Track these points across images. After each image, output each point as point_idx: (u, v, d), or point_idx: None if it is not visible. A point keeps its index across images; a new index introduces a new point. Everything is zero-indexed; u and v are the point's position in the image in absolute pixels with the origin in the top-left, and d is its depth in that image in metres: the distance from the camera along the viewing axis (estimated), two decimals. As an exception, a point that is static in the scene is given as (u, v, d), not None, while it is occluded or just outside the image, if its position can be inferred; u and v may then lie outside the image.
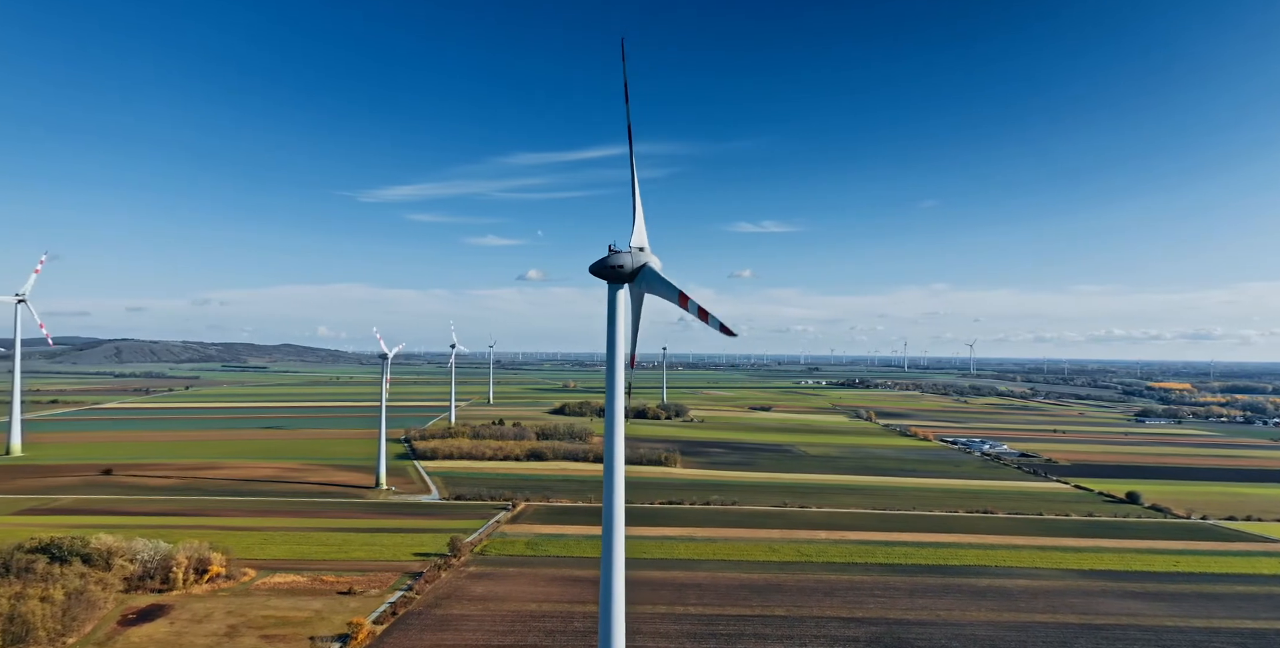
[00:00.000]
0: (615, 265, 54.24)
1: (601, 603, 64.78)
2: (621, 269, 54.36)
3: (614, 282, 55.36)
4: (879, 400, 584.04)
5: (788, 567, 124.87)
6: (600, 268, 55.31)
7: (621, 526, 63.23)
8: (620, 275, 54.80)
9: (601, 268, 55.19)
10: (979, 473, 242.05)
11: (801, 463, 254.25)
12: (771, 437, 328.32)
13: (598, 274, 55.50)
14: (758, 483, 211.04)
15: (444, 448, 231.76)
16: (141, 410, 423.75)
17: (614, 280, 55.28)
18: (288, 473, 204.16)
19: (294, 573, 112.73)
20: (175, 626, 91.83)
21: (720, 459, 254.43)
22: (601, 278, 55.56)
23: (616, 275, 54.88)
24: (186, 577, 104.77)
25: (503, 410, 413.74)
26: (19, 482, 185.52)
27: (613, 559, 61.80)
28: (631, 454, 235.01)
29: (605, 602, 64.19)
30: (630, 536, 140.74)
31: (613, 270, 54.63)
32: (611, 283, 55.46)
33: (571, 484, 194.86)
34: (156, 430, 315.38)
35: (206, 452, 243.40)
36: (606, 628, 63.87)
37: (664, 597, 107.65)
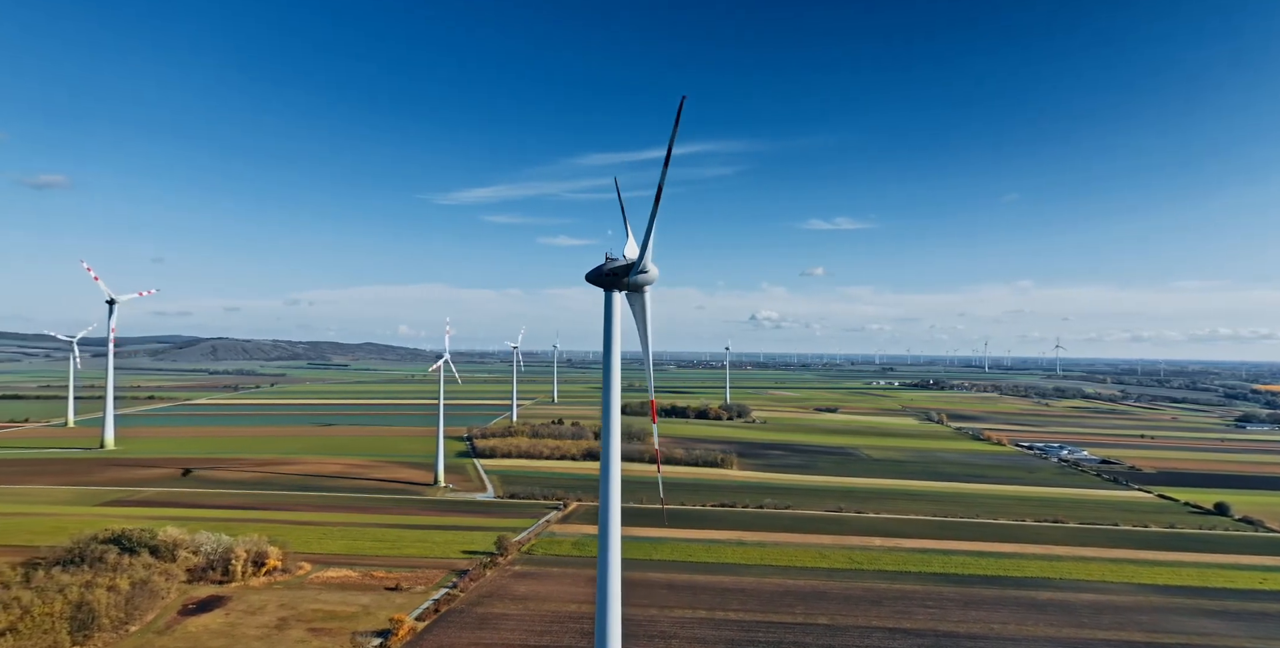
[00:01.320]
0: (610, 273, 54.23)
1: (598, 603, 65.14)
2: (615, 277, 54.28)
3: (609, 289, 55.31)
4: (953, 403, 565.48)
5: (836, 574, 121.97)
6: (595, 276, 55.41)
7: (618, 526, 63.60)
8: (615, 284, 54.72)
9: (597, 276, 55.29)
10: (1053, 480, 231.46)
11: (863, 467, 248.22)
12: (834, 439, 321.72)
13: (593, 282, 55.60)
14: (816, 487, 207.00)
15: (503, 447, 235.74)
16: (228, 407, 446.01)
17: (609, 288, 55.25)
18: (354, 469, 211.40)
19: (347, 568, 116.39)
20: (230, 616, 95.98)
21: (779, 462, 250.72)
22: (598, 286, 55.54)
23: (611, 283, 54.85)
24: (245, 570, 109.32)
25: (565, 410, 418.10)
26: (108, 474, 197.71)
27: (608, 560, 61.96)
28: (687, 456, 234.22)
29: (601, 602, 64.45)
30: (678, 539, 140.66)
31: (607, 278, 54.63)
32: (607, 290, 55.39)
33: (626, 484, 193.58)
34: (239, 426, 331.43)
35: (282, 447, 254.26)
36: (602, 629, 64.08)
37: (705, 601, 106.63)
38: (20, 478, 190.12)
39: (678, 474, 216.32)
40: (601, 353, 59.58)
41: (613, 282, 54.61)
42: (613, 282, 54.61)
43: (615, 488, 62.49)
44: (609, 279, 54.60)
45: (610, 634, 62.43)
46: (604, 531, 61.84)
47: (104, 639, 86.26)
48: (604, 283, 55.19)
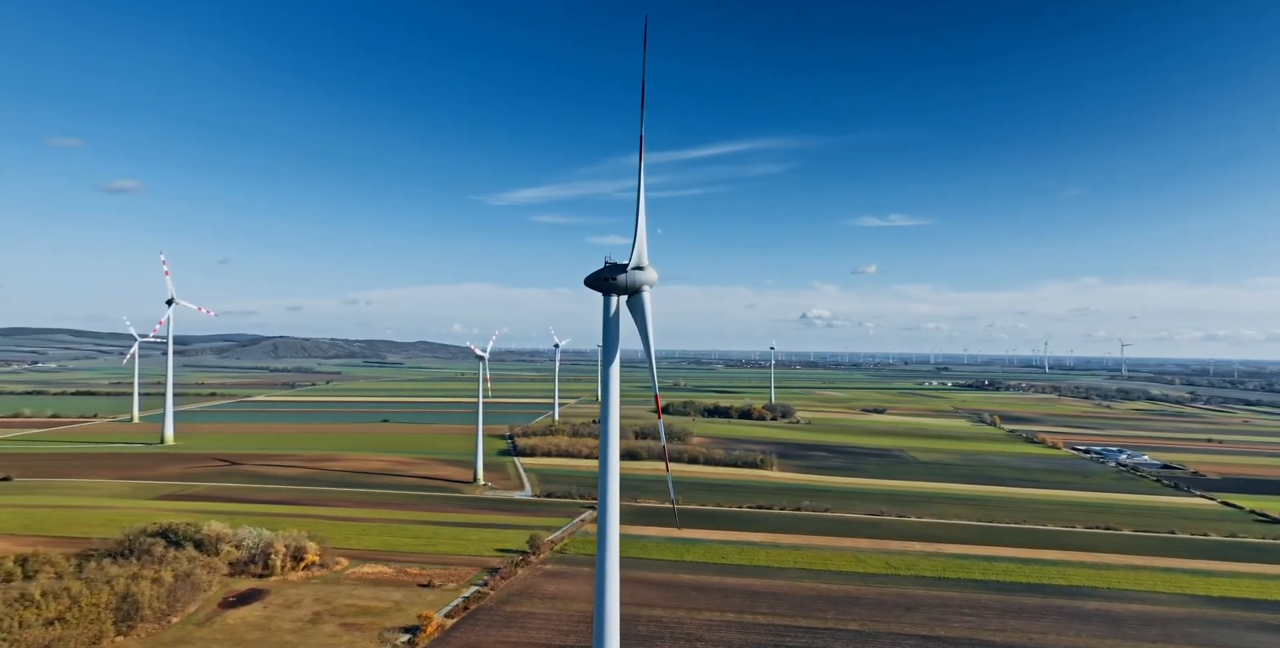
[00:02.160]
0: (607, 278, 54.17)
1: (596, 604, 65.24)
2: (613, 282, 54.13)
3: (607, 293, 55.18)
4: (1008, 404, 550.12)
5: (872, 579, 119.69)
6: (593, 280, 55.36)
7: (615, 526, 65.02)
8: (613, 287, 54.59)
9: (595, 280, 55.23)
10: (1109, 485, 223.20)
11: (909, 469, 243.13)
12: (880, 441, 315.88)
13: (591, 286, 55.54)
14: (857, 489, 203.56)
15: (543, 445, 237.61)
16: (283, 404, 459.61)
17: (607, 292, 55.12)
18: (397, 466, 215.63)
19: (382, 564, 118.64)
20: (267, 610, 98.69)
21: (821, 463, 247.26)
22: (596, 290, 55.46)
23: (609, 288, 54.71)
24: (284, 564, 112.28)
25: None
26: (165, 468, 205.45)
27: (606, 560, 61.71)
28: (726, 456, 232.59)
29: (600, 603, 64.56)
30: (711, 540, 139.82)
31: (605, 283, 54.52)
32: (606, 294, 55.26)
33: (662, 485, 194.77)
34: (292, 423, 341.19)
35: (330, 444, 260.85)
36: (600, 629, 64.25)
37: (734, 604, 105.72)
38: (83, 472, 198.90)
39: (715, 475, 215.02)
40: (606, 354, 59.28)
41: (611, 286, 54.43)
42: (611, 286, 54.43)
43: (613, 489, 62.74)
44: (607, 283, 54.48)
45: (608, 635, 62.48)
46: (602, 530, 62.17)
47: (146, 630, 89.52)
48: (602, 287, 55.12)
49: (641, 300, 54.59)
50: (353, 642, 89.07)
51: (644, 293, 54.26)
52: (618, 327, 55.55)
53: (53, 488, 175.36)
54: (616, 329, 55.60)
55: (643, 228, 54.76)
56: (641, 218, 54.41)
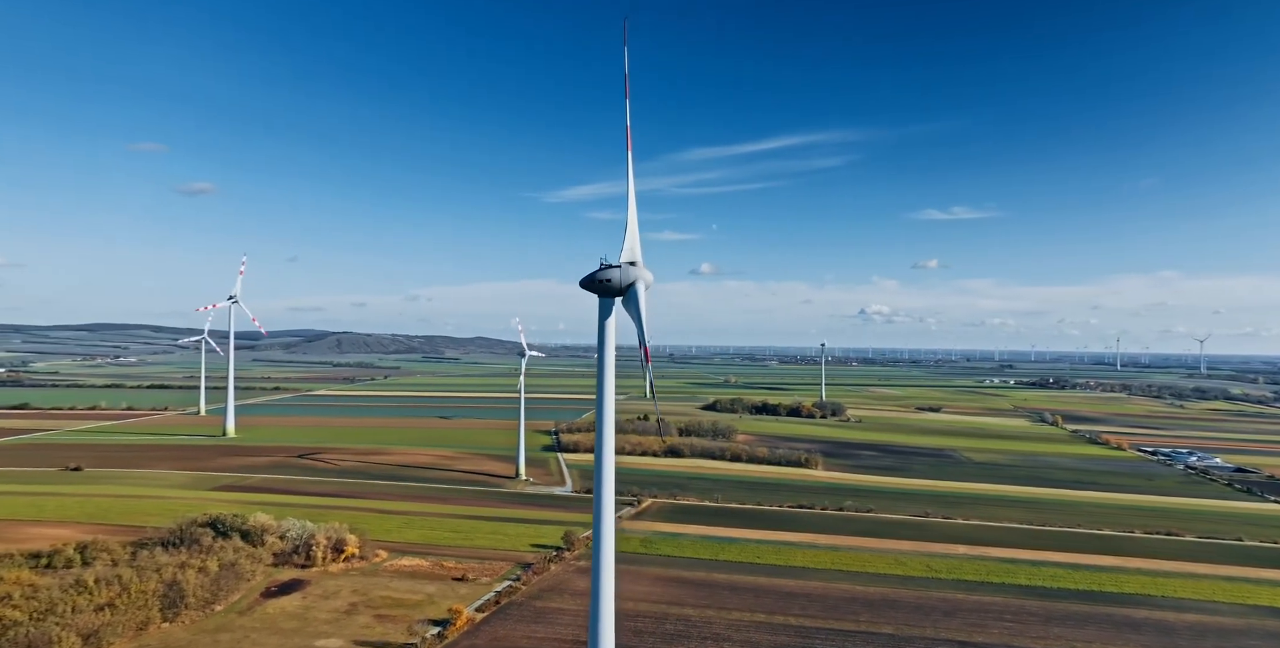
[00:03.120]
0: (603, 280, 53.78)
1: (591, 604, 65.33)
2: (609, 283, 53.71)
3: (603, 296, 54.91)
4: (1072, 403, 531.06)
5: (911, 581, 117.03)
6: (589, 282, 55.06)
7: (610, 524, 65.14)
8: (609, 290, 54.23)
9: (590, 282, 54.94)
10: (1174, 489, 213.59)
11: (961, 470, 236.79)
12: (932, 440, 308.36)
13: (587, 288, 55.25)
14: (904, 490, 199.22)
15: (586, 441, 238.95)
16: (342, 398, 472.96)
17: (603, 295, 54.84)
18: (443, 460, 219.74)
19: (420, 557, 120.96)
20: (306, 600, 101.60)
21: (868, 463, 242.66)
22: (591, 292, 55.20)
23: (605, 290, 54.38)
24: (325, 555, 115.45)
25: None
26: (224, 460, 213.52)
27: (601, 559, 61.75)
28: (770, 455, 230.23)
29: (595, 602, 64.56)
30: (747, 539, 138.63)
31: (601, 285, 54.16)
32: (602, 297, 54.99)
33: (703, 483, 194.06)
34: (348, 417, 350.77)
35: (382, 438, 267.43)
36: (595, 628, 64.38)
37: (765, 604, 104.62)
38: (148, 463, 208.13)
39: (758, 473, 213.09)
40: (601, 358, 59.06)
41: (605, 287, 54.15)
42: (605, 287, 54.15)
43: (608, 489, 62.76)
44: (601, 285, 54.19)
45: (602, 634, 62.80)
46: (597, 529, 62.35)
47: (191, 617, 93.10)
48: (597, 289, 54.86)
49: (636, 297, 54.22)
50: (384, 634, 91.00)
51: (639, 289, 53.80)
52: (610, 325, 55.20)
53: (118, 478, 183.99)
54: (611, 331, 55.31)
55: (633, 224, 54.34)
56: (632, 214, 53.97)
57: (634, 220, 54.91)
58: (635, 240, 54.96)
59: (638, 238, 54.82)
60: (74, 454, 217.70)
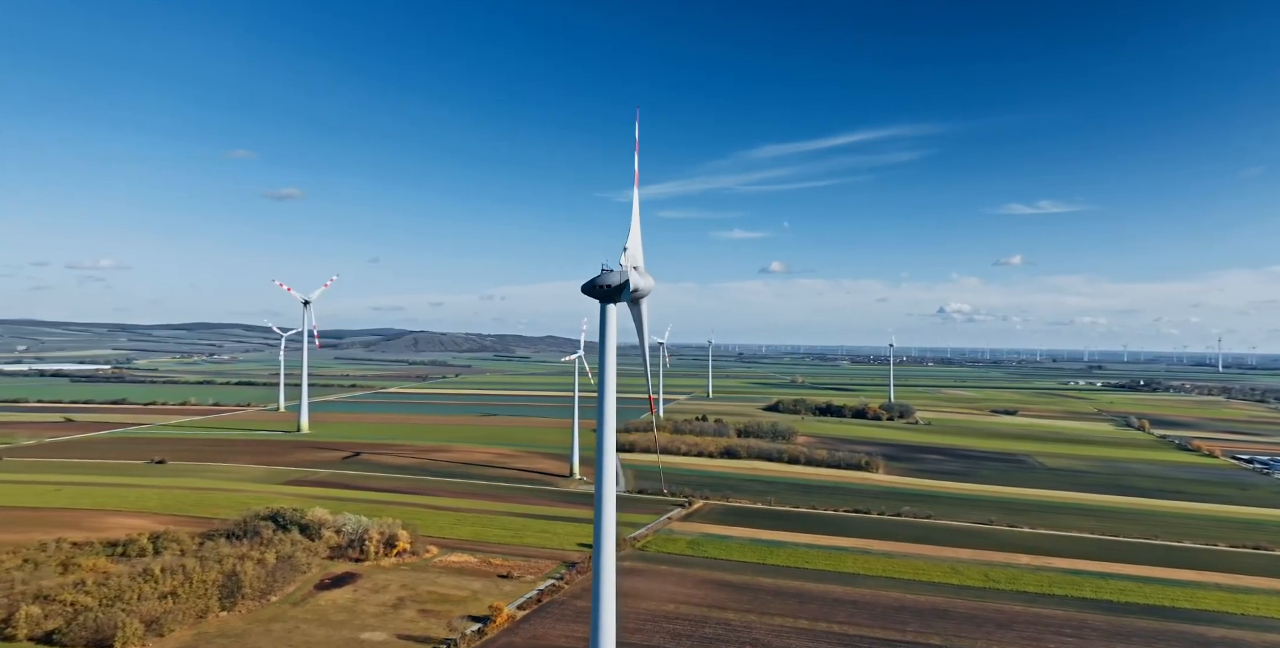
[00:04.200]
0: (603, 285, 54.00)
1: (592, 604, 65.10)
2: (609, 288, 53.84)
3: (604, 300, 54.99)
4: (1162, 406, 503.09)
5: (965, 591, 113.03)
6: (590, 288, 55.31)
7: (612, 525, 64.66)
8: (609, 294, 54.34)
9: (591, 288, 55.18)
10: (1269, 499, 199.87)
11: (1033, 476, 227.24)
12: (1004, 444, 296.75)
13: (588, 293, 55.47)
14: (968, 496, 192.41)
15: (642, 441, 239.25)
16: (413, 396, 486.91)
17: (604, 299, 54.94)
18: (500, 458, 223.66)
19: (469, 554, 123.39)
20: (356, 593, 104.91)
21: (933, 467, 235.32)
22: (592, 296, 55.37)
23: (605, 294, 54.50)
24: (377, 550, 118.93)
25: (717, 405, 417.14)
26: (295, 456, 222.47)
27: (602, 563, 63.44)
28: (828, 457, 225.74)
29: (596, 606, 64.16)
30: (797, 543, 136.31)
31: (601, 290, 54.33)
32: (602, 301, 55.08)
33: (758, 485, 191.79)
34: (416, 414, 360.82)
35: (444, 435, 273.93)
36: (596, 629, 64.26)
37: (809, 611, 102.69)
38: (224, 457, 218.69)
39: (815, 476, 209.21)
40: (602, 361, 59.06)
41: (607, 293, 54.33)
42: (607, 293, 54.33)
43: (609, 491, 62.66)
44: (603, 291, 54.39)
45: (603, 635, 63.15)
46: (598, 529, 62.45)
47: (247, 607, 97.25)
48: (598, 295, 55.12)
49: (639, 309, 54.16)
50: (427, 629, 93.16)
51: (641, 302, 53.86)
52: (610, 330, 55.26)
53: (197, 471, 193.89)
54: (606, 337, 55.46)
55: (636, 231, 54.20)
56: (635, 221, 53.84)
57: (636, 229, 54.83)
58: (638, 247, 54.89)
59: (640, 245, 54.68)
60: (160, 448, 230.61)
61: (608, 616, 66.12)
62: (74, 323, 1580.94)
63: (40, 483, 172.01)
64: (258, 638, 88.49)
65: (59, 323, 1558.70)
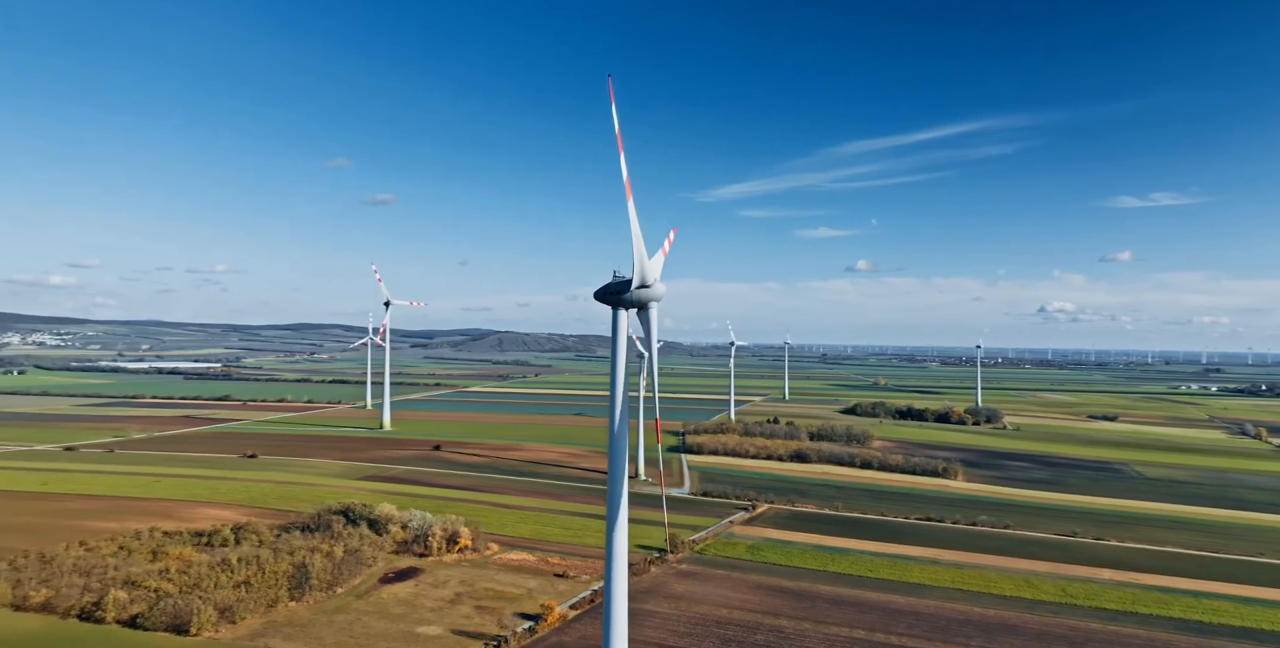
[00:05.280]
0: (614, 292, 54.26)
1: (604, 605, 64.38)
2: (620, 295, 54.00)
3: (616, 306, 55.00)
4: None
5: (1038, 606, 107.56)
6: (602, 294, 55.65)
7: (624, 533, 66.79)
8: (621, 301, 54.44)
9: (603, 294, 55.52)
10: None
11: (1126, 486, 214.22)
12: (1099, 452, 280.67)
13: (600, 300, 55.71)
14: (1053, 506, 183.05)
15: (710, 443, 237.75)
16: (493, 395, 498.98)
17: (616, 306, 54.96)
18: (567, 458, 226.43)
19: (528, 552, 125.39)
20: (418, 588, 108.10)
21: (1017, 475, 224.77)
22: (604, 303, 55.52)
23: (618, 301, 54.61)
24: (440, 546, 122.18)
25: (792, 408, 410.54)
26: (374, 452, 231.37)
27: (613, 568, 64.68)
28: (904, 463, 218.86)
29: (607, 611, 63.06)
30: (862, 550, 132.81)
31: (613, 296, 54.53)
32: (614, 307, 55.09)
33: (826, 490, 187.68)
34: (493, 413, 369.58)
35: (516, 434, 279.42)
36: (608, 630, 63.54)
37: (867, 621, 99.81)
38: (311, 452, 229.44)
39: (888, 482, 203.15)
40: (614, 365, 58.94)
41: (618, 299, 54.46)
42: (618, 299, 54.46)
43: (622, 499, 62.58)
44: (615, 297, 54.57)
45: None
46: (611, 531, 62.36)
47: (314, 598, 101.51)
48: (610, 301, 55.30)
49: (648, 315, 54.03)
50: (481, 625, 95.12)
51: (650, 308, 53.75)
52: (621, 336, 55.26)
53: (284, 465, 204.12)
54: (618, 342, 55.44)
55: (639, 244, 54.14)
56: (636, 234, 53.75)
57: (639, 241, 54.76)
58: (644, 262, 54.95)
59: (646, 259, 54.71)
60: (253, 443, 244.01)
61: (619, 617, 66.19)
62: (192, 323, 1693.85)
63: (143, 474, 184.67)
64: (321, 628, 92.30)
65: (179, 323, 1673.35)
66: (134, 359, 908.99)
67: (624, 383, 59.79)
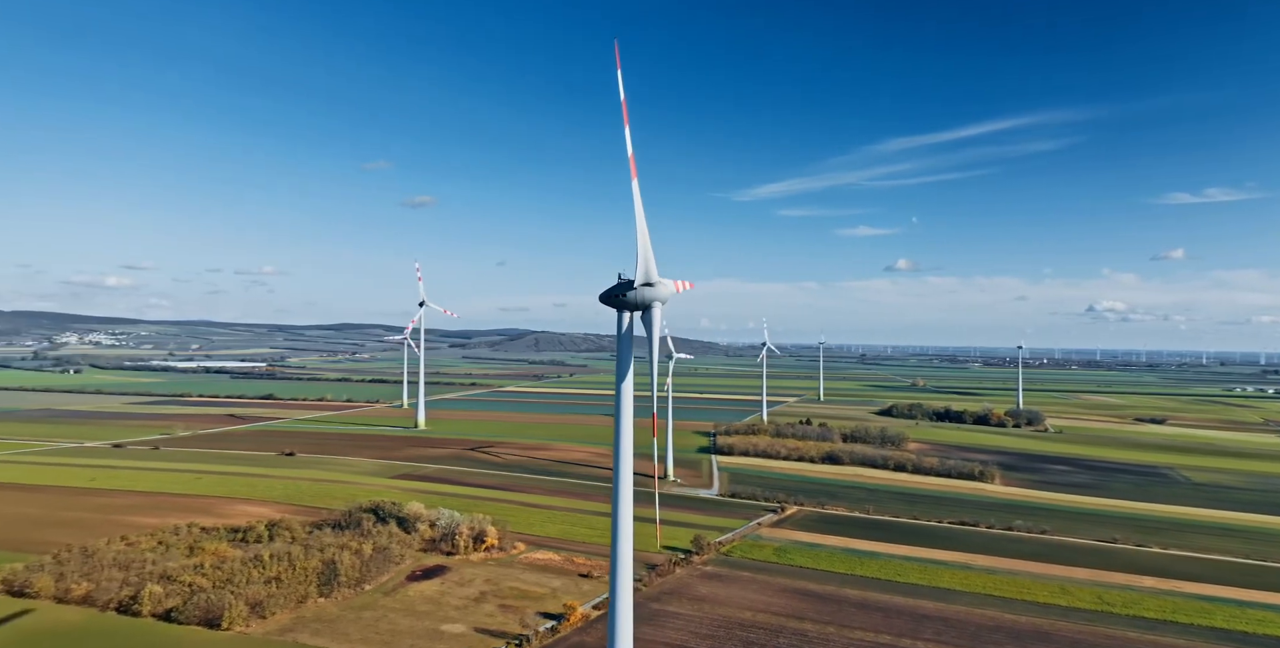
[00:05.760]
0: (619, 296, 54.18)
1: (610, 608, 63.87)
2: (624, 299, 53.94)
3: (621, 309, 54.95)
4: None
5: (1074, 614, 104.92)
6: (607, 297, 55.61)
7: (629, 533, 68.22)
8: (625, 303, 54.38)
9: (608, 297, 55.48)
10: None
11: (1172, 491, 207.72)
12: (1144, 455, 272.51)
13: (605, 302, 55.66)
14: (1093, 511, 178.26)
15: (741, 445, 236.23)
16: (527, 394, 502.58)
17: (620, 308, 54.91)
18: (597, 458, 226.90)
19: (553, 551, 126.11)
20: (443, 586, 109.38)
21: (1058, 479, 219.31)
22: (609, 306, 55.48)
23: (622, 304, 54.55)
24: (467, 545, 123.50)
25: (826, 409, 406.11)
26: (408, 451, 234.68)
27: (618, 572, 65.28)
28: (939, 466, 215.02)
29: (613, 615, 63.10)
30: (891, 554, 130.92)
31: (618, 300, 54.46)
32: (619, 310, 55.03)
33: (858, 492, 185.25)
34: (526, 413, 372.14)
35: (548, 434, 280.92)
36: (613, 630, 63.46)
37: (894, 626, 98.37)
38: (347, 450, 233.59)
39: (922, 485, 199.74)
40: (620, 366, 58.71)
41: (622, 302, 54.41)
42: (622, 302, 54.41)
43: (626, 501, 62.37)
44: (619, 300, 54.53)
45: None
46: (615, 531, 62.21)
47: (342, 595, 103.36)
48: (615, 303, 55.27)
49: (651, 316, 53.87)
50: (504, 624, 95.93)
51: (655, 308, 53.56)
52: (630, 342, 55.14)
53: (320, 464, 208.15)
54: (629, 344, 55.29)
55: (645, 243, 53.80)
56: (642, 233, 53.36)
57: (645, 239, 54.52)
58: (648, 260, 54.77)
59: (651, 257, 54.56)
60: (292, 441, 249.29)
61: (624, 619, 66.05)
62: (239, 324, 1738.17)
63: (186, 471, 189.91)
64: (348, 625, 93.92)
65: (227, 324, 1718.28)
66: (184, 359, 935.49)
67: (630, 386, 59.78)
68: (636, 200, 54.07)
